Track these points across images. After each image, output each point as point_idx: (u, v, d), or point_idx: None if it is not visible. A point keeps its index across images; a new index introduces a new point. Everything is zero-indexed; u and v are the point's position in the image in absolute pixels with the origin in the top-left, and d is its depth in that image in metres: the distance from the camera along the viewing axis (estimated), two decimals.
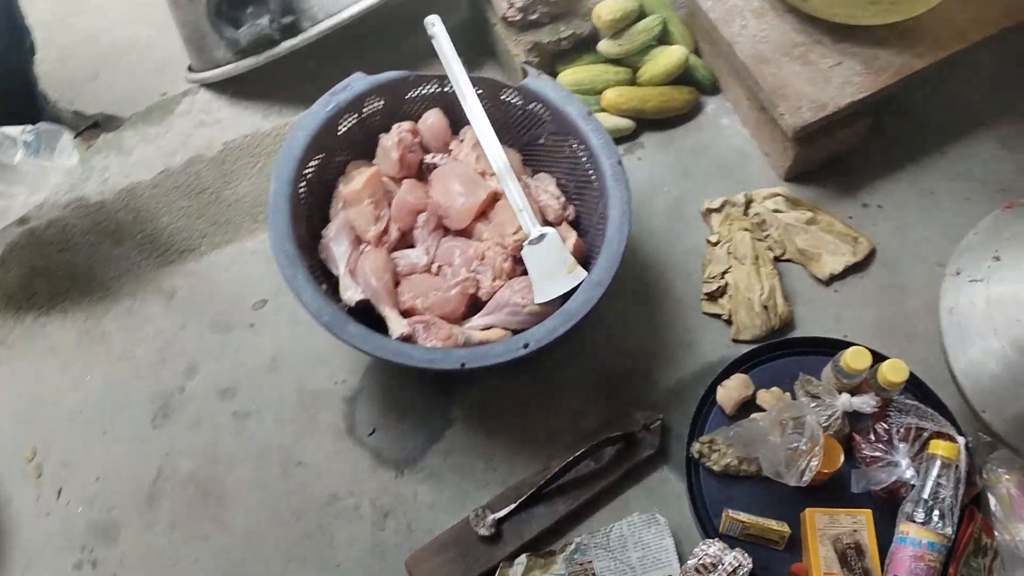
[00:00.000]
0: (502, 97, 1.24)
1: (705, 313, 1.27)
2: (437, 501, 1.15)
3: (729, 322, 1.26)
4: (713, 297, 1.27)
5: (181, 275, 1.32)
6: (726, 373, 1.20)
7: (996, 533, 1.11)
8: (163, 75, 1.55)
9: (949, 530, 1.06)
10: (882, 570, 1.07)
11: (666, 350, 1.25)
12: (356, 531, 1.13)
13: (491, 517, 1.11)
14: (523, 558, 1.09)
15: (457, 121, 1.26)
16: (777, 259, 1.31)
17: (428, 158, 1.24)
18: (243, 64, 1.41)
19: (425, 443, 1.18)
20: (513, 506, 1.11)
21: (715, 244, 1.30)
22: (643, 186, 1.37)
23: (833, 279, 1.30)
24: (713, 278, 1.28)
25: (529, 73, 1.22)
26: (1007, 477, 1.12)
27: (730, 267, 1.28)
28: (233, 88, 1.47)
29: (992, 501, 1.13)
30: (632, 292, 1.29)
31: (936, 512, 1.07)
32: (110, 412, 1.22)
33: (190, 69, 1.52)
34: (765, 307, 1.24)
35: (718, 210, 1.33)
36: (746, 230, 1.30)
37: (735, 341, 1.25)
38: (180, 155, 1.42)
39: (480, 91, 1.21)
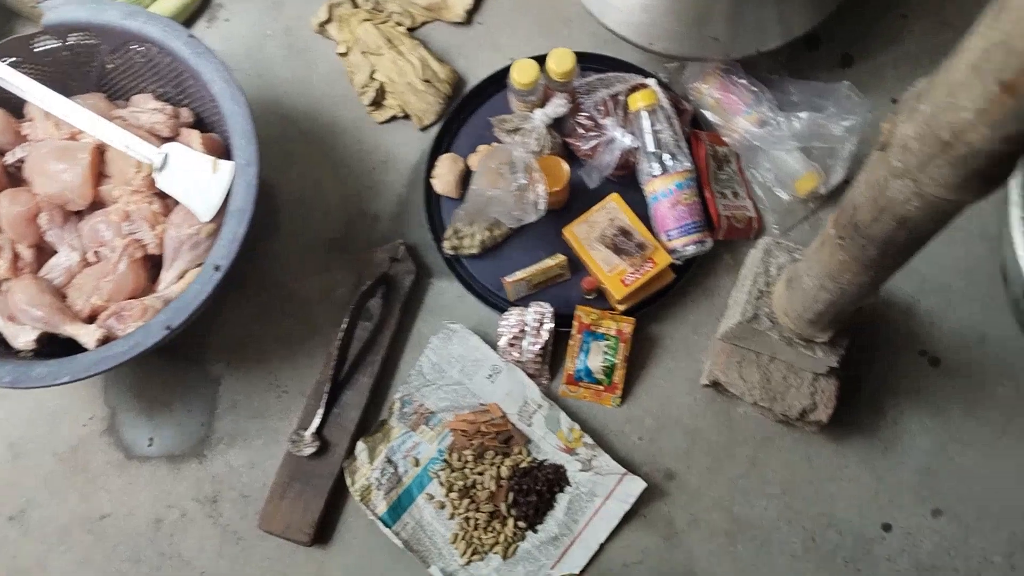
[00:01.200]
0: (36, 49, 1.07)
1: (380, 123, 1.19)
2: (253, 456, 1.07)
3: (407, 116, 1.19)
4: (377, 103, 1.19)
5: None
6: (432, 164, 1.14)
7: (725, 138, 1.13)
8: None
9: (687, 163, 1.08)
10: (654, 234, 1.08)
11: (367, 180, 1.17)
12: (198, 535, 1.05)
13: (306, 433, 1.05)
14: (360, 445, 1.04)
15: (15, 104, 1.08)
16: (411, 30, 1.22)
17: (7, 159, 1.06)
18: None
19: (206, 415, 1.09)
20: (321, 410, 1.05)
21: (346, 53, 1.20)
22: (245, 42, 1.24)
23: (470, 14, 1.22)
24: (366, 87, 1.18)
25: (45, 9, 1.04)
26: (705, 86, 1.13)
27: (374, 67, 1.18)
28: None
29: (707, 114, 1.15)
30: (301, 148, 1.19)
31: (667, 156, 1.07)
32: None
33: None
34: (428, 81, 1.17)
35: (328, 20, 1.21)
36: (366, 21, 1.19)
37: (423, 130, 1.19)
38: None
39: (11, 59, 1.04)
